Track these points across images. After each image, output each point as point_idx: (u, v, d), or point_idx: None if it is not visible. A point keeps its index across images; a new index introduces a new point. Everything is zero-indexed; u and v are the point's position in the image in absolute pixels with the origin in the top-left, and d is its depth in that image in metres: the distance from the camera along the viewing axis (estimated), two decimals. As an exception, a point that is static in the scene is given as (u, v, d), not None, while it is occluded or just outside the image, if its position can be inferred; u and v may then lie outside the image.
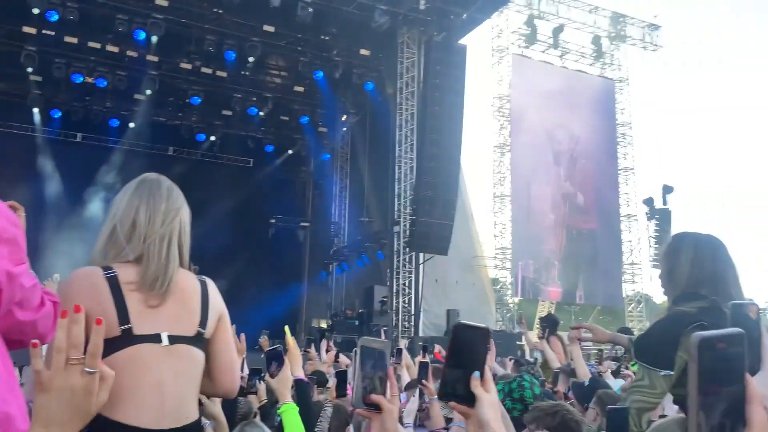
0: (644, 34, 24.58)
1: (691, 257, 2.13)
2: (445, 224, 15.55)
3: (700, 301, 2.03)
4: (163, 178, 2.04)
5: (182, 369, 1.80)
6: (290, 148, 21.47)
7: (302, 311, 21.73)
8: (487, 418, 1.16)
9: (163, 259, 1.84)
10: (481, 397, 1.16)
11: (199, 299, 1.91)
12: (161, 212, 1.91)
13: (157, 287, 1.79)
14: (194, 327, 1.85)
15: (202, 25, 16.19)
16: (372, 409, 1.37)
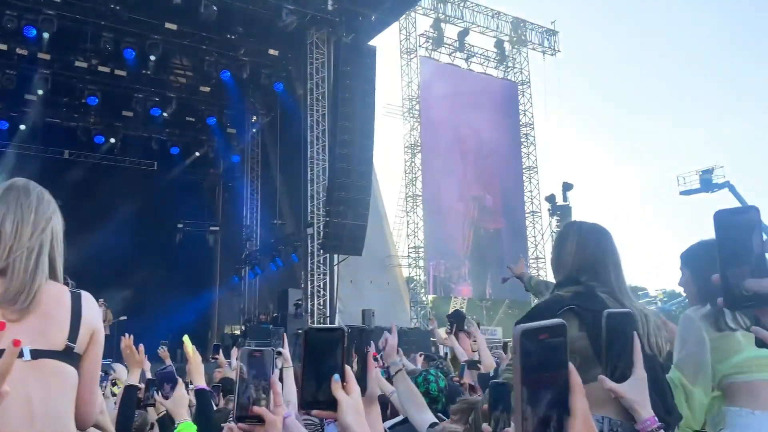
0: (543, 39, 25.82)
1: (575, 244, 2.22)
2: (359, 225, 15.63)
3: (576, 287, 2.10)
4: (32, 184, 1.87)
5: (52, 385, 1.69)
6: (197, 150, 20.77)
7: (214, 318, 21.12)
8: (347, 422, 1.13)
9: (29, 273, 1.70)
10: (342, 401, 1.13)
11: (69, 312, 1.77)
12: (30, 223, 1.76)
13: (19, 302, 1.66)
14: (62, 341, 1.73)
15: (98, 21, 15.37)
16: (254, 422, 1.32)
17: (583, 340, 1.96)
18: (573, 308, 2.00)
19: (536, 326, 0.75)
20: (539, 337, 0.74)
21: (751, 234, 0.94)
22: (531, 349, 0.74)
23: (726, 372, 2.31)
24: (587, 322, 1.97)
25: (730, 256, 0.95)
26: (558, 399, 0.75)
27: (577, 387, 0.76)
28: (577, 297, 2.06)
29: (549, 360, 0.75)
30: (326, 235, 15.55)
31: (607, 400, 1.90)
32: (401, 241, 23.75)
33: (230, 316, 20.45)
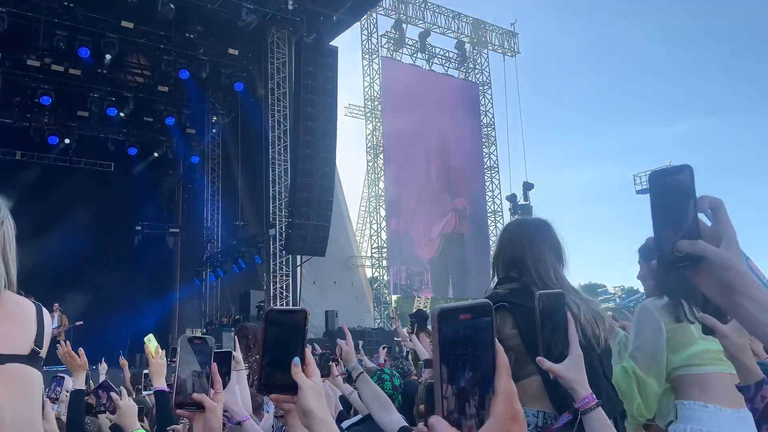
0: (503, 41, 26.16)
1: (498, 243, 2.25)
2: (322, 225, 15.58)
3: (512, 284, 2.11)
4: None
5: (20, 390, 1.65)
6: (156, 151, 20.37)
7: (175, 320, 20.75)
8: (310, 406, 1.10)
9: None
10: (303, 385, 1.10)
11: (34, 318, 1.74)
12: None
13: None
14: (28, 345, 1.70)
15: (51, 19, 14.92)
16: (194, 409, 1.31)
17: (515, 338, 1.96)
18: (504, 305, 1.99)
19: (456, 306, 0.73)
20: (460, 318, 0.73)
21: (686, 198, 0.93)
22: (450, 329, 0.72)
23: (678, 364, 2.34)
24: (519, 319, 1.97)
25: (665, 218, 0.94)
26: (482, 379, 0.73)
27: (502, 367, 0.74)
28: (512, 294, 2.06)
29: (472, 340, 0.73)
30: (289, 236, 15.46)
31: (541, 394, 1.92)
32: (364, 242, 23.78)
33: (191, 319, 20.13)
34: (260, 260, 16.79)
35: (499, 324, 1.99)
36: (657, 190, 0.96)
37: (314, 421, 1.11)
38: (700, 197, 0.94)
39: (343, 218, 20.19)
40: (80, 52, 15.43)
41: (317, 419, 1.11)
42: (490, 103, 25.75)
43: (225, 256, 18.86)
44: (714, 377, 2.28)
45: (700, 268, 0.93)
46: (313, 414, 1.10)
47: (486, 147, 25.49)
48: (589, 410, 1.55)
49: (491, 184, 25.25)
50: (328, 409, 1.16)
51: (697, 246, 0.91)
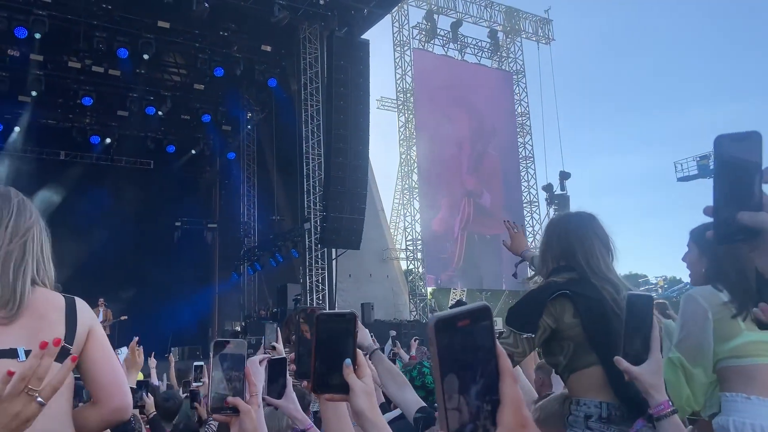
0: (537, 28, 25.75)
1: (545, 237, 2.26)
2: (356, 219, 15.65)
3: (569, 273, 2.12)
4: (13, 191, 1.84)
5: None
6: (193, 148, 20.77)
7: (215, 314, 21.17)
8: (361, 408, 1.13)
9: (10, 281, 1.68)
10: (354, 386, 1.13)
11: (63, 313, 1.75)
12: (9, 228, 1.74)
13: (6, 311, 1.65)
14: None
15: (91, 21, 15.31)
16: (229, 413, 1.33)
17: (576, 327, 1.97)
18: (567, 293, 2.00)
19: (453, 314, 0.70)
20: (458, 325, 0.69)
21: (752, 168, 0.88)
22: (449, 338, 0.68)
23: (723, 355, 2.29)
24: (581, 309, 1.98)
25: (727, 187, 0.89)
26: (487, 388, 0.69)
27: (506, 371, 0.70)
28: (572, 283, 2.07)
29: (472, 347, 0.69)
30: (324, 229, 15.58)
31: (601, 385, 1.91)
32: (399, 234, 23.81)
33: (230, 313, 20.50)
34: (297, 254, 16.98)
35: (559, 311, 2.02)
36: (722, 156, 0.91)
37: (365, 422, 1.15)
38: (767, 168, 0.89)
39: (377, 211, 20.25)
40: (119, 53, 15.78)
41: (368, 420, 1.14)
42: (525, 92, 25.42)
43: (262, 250, 19.13)
44: (759, 369, 2.22)
45: (758, 242, 0.88)
46: (364, 415, 1.14)
47: (521, 137, 25.19)
48: (664, 417, 1.54)
49: (526, 174, 24.96)
50: (378, 410, 1.19)
51: (759, 218, 0.87)
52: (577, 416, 2.00)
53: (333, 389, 1.15)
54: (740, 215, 0.87)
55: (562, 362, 2.07)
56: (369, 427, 1.14)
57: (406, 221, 22.36)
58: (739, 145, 0.90)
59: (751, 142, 0.90)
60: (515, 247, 3.29)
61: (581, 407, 2.00)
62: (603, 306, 1.98)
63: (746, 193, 0.88)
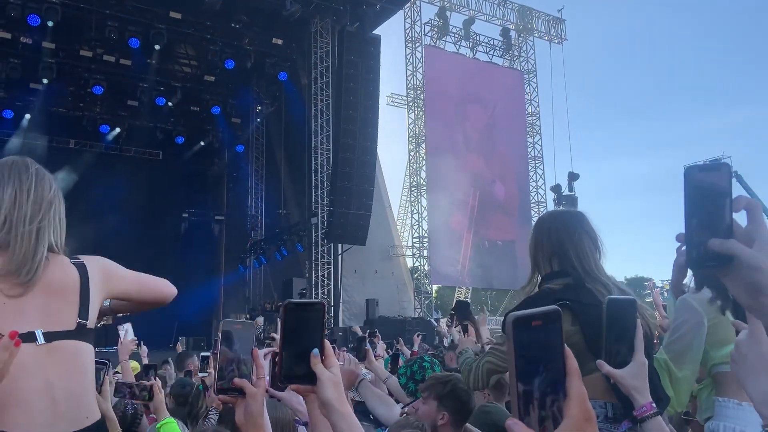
0: (550, 27, 25.60)
1: (534, 237, 2.23)
2: (363, 214, 15.65)
3: (564, 279, 2.10)
4: (30, 160, 1.85)
5: (70, 367, 1.68)
6: (202, 140, 20.80)
7: (220, 306, 21.24)
8: (328, 397, 1.12)
9: (31, 245, 1.67)
10: (321, 376, 1.13)
11: (78, 288, 1.74)
12: (30, 195, 1.74)
13: (22, 275, 1.63)
14: (73, 319, 1.71)
15: (103, 10, 15.35)
16: (236, 394, 1.33)
17: (576, 335, 1.97)
18: (566, 303, 1.99)
19: (529, 314, 0.76)
20: (532, 324, 0.76)
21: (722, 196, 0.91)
22: (524, 336, 0.75)
23: (717, 360, 2.30)
24: (579, 316, 1.98)
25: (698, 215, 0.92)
26: (555, 383, 0.76)
27: (573, 370, 0.77)
28: (568, 290, 2.05)
29: (543, 346, 0.76)
30: (330, 224, 15.58)
31: (607, 388, 1.91)
32: (405, 231, 23.77)
33: (235, 305, 20.56)
34: (302, 248, 16.99)
35: None
36: (692, 186, 0.94)
37: (333, 412, 1.13)
38: (737, 197, 0.92)
39: (384, 208, 20.22)
40: (130, 42, 15.82)
41: (335, 410, 1.13)
42: (536, 92, 25.27)
43: (268, 243, 19.16)
44: None
45: (729, 268, 0.90)
46: (332, 405, 1.13)
47: (530, 136, 25.06)
48: (647, 418, 1.55)
49: (535, 174, 24.85)
50: (346, 400, 1.17)
51: (728, 245, 0.89)
52: None
53: (299, 380, 1.15)
54: (711, 242, 0.90)
55: None
56: (336, 418, 1.13)
57: (413, 218, 22.32)
58: (709, 175, 0.93)
59: (721, 173, 0.93)
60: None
61: None
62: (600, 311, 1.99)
63: (717, 220, 0.91)
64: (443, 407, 2.61)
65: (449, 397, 2.62)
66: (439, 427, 2.58)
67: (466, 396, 2.65)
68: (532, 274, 2.27)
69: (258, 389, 1.34)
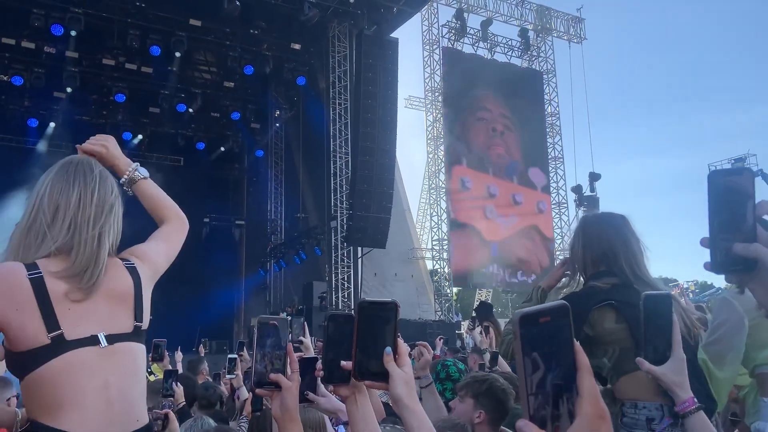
0: (569, 27, 25.41)
1: (581, 239, 2.23)
2: (382, 217, 15.65)
3: (612, 278, 2.11)
4: (94, 161, 1.88)
5: (126, 368, 1.71)
6: (222, 145, 21.00)
7: (241, 311, 21.39)
8: (399, 394, 1.16)
9: (94, 249, 1.69)
10: (393, 373, 1.17)
11: (133, 291, 1.78)
12: (94, 198, 1.76)
13: (85, 279, 1.65)
14: (130, 321, 1.75)
15: (125, 19, 15.59)
16: (272, 388, 1.38)
17: (622, 332, 1.99)
18: (612, 302, 2.02)
19: (536, 310, 0.75)
20: (540, 321, 0.75)
21: (745, 200, 0.92)
22: (532, 333, 0.74)
23: (760, 361, 2.28)
24: (626, 316, 1.99)
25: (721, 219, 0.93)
26: (566, 381, 0.75)
27: (584, 367, 0.75)
28: (615, 289, 2.07)
29: (553, 343, 0.75)
30: (350, 228, 15.61)
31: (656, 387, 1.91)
32: (425, 234, 23.74)
33: (257, 309, 20.66)
34: (320, 252, 17.04)
35: (598, 320, 2.05)
36: (715, 190, 0.95)
37: (403, 409, 1.18)
38: (761, 201, 0.92)
39: (403, 210, 20.22)
40: (152, 50, 16.04)
41: (406, 407, 1.18)
42: (555, 92, 25.09)
43: (287, 247, 19.26)
44: None
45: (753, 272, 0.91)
46: (402, 402, 1.18)
47: (550, 137, 24.88)
48: (690, 413, 1.54)
49: (555, 175, 24.65)
50: (417, 398, 1.22)
51: (752, 249, 0.90)
52: (636, 419, 2.02)
53: (373, 377, 1.19)
54: (735, 247, 0.91)
55: (607, 364, 2.09)
56: (407, 414, 1.17)
57: (432, 221, 22.28)
58: (732, 179, 0.94)
59: (744, 177, 0.94)
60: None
61: (640, 410, 2.01)
62: None
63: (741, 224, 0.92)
64: (480, 405, 2.63)
65: (486, 396, 2.64)
66: (476, 425, 2.60)
67: (503, 395, 2.67)
68: (573, 274, 2.28)
69: (293, 383, 1.39)
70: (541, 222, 23.38)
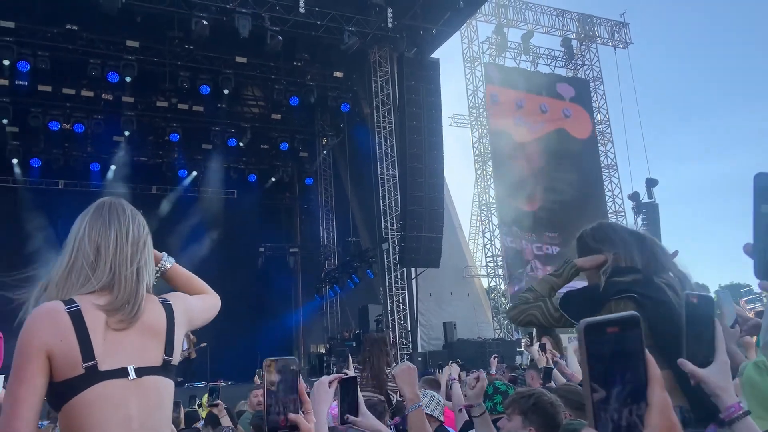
0: (613, 33, 24.96)
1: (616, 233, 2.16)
2: (434, 237, 15.59)
3: (634, 274, 2.03)
4: (124, 201, 1.97)
5: (151, 401, 1.76)
6: (273, 176, 21.49)
7: (300, 337, 21.60)
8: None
9: (133, 286, 1.78)
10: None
11: (165, 326, 1.83)
12: (129, 237, 1.85)
13: (125, 312, 1.73)
14: (160, 356, 1.80)
15: (175, 62, 16.28)
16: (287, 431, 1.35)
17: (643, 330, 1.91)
18: (634, 296, 1.94)
19: (603, 320, 0.73)
20: (607, 331, 0.73)
21: None
22: (598, 343, 0.72)
23: None
24: (647, 311, 1.91)
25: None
26: (634, 392, 0.73)
27: (655, 378, 0.74)
28: (636, 283, 1.99)
29: (621, 354, 0.73)
30: (402, 249, 15.60)
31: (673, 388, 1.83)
32: (478, 251, 23.47)
33: (315, 335, 20.84)
34: (372, 274, 17.07)
35: (617, 310, 1.97)
36: (762, 193, 0.93)
37: None
38: None
39: (454, 228, 20.09)
40: (201, 89, 16.68)
41: None
42: (603, 99, 24.60)
43: (341, 272, 19.40)
44: None
45: None
46: None
47: (602, 144, 24.34)
48: (737, 419, 1.46)
49: (610, 183, 24.03)
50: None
51: None
52: None
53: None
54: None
55: None
56: None
57: (485, 237, 22.03)
58: None
59: None
60: None
61: None
62: (670, 308, 1.89)
63: None
64: (528, 422, 2.56)
65: (534, 411, 2.58)
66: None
67: (552, 409, 2.60)
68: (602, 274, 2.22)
69: (311, 423, 1.37)
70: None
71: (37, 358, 1.62)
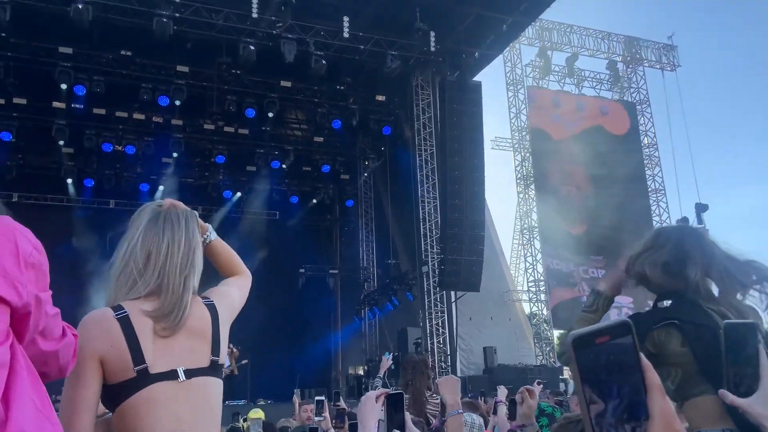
0: (660, 55, 24.54)
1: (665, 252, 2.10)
2: (475, 260, 15.44)
3: (678, 298, 2.01)
4: (181, 211, 2.01)
5: (200, 402, 1.79)
6: (314, 198, 21.76)
7: (339, 359, 21.58)
8: None
9: (179, 294, 1.82)
10: None
11: (210, 327, 1.87)
12: (181, 247, 1.90)
13: (172, 318, 1.78)
14: (207, 356, 1.84)
15: (222, 86, 16.76)
16: None
17: (686, 356, 1.90)
18: (675, 322, 1.93)
19: (591, 330, 0.70)
20: (596, 342, 0.70)
21: None
22: (589, 356, 0.70)
23: None
24: (690, 337, 1.90)
25: None
26: (634, 403, 0.70)
27: (654, 386, 0.70)
28: (679, 309, 1.97)
29: (614, 364, 0.70)
30: (442, 272, 15.49)
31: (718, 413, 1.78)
32: (520, 276, 23.11)
33: (354, 357, 20.78)
34: (412, 297, 16.98)
35: (664, 340, 1.96)
36: None
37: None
38: None
39: (496, 252, 19.86)
40: (247, 113, 17.09)
41: None
42: (651, 122, 24.11)
43: (380, 294, 19.37)
44: None
45: None
46: None
47: (649, 169, 23.80)
48: None
49: (657, 209, 23.41)
50: None
51: None
52: None
53: None
54: None
55: (670, 388, 1.98)
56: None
57: (527, 262, 21.70)
58: None
59: None
60: None
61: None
62: (715, 334, 1.85)
63: None
64: None
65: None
66: None
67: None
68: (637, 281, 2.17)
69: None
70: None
71: (90, 365, 1.69)
